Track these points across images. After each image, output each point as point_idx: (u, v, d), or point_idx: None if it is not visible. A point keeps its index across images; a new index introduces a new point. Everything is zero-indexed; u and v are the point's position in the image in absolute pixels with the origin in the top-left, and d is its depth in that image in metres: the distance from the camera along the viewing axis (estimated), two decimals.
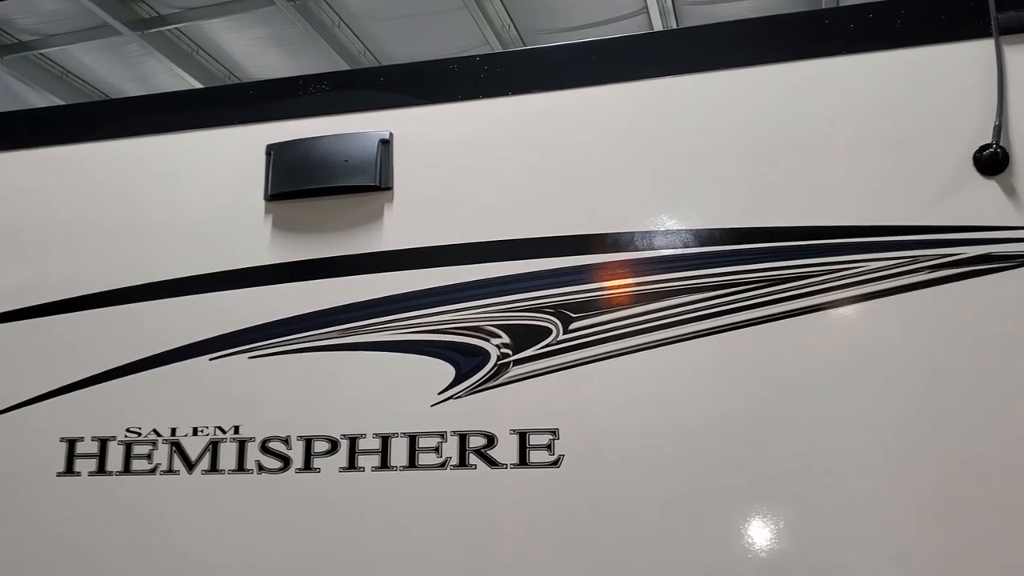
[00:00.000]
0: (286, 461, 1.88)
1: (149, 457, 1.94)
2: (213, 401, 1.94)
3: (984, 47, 1.77)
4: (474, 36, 7.52)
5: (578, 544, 1.71)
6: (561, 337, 1.79)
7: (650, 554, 1.68)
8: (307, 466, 1.86)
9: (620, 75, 1.92)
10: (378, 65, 7.89)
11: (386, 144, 1.99)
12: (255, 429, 1.91)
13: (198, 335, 1.96)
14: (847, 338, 1.71)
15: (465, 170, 1.95)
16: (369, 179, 1.96)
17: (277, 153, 2.03)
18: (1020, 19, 1.75)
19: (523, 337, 1.81)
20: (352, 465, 1.84)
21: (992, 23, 1.76)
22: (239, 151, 2.06)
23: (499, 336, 1.83)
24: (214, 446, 1.91)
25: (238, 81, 8.15)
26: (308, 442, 1.87)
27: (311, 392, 1.90)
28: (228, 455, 1.90)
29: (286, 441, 1.89)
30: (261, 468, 1.88)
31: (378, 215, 1.97)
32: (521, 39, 7.67)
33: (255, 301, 1.97)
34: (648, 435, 1.73)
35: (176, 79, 8.00)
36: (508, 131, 1.95)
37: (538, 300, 1.82)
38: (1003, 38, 1.75)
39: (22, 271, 2.11)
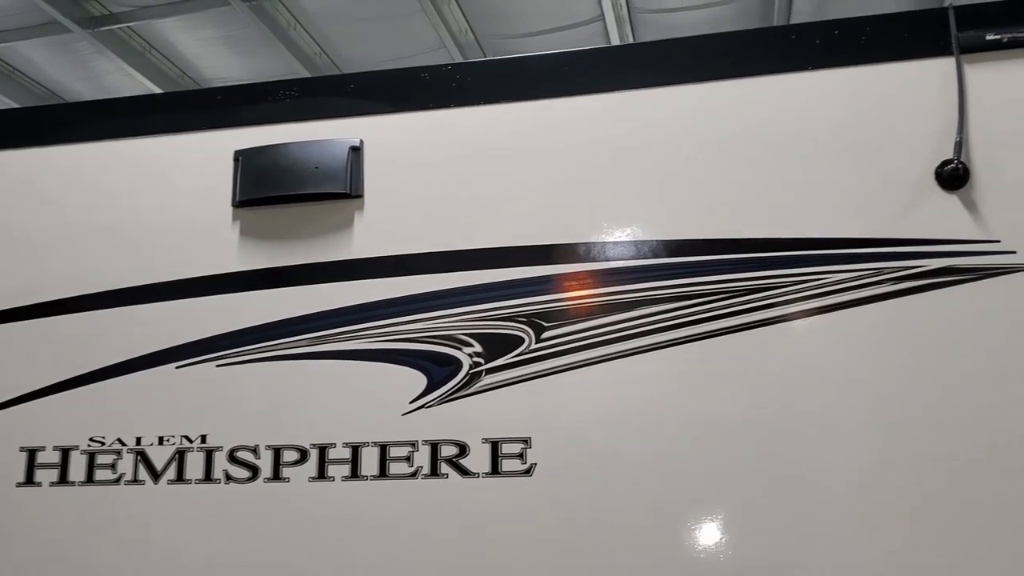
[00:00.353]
0: (255, 471, 1.86)
1: (113, 467, 1.91)
2: (180, 410, 1.91)
3: (945, 65, 1.81)
4: (431, 40, 7.49)
5: (550, 552, 1.72)
6: (534, 346, 1.80)
7: (622, 561, 1.69)
8: (276, 476, 1.85)
9: (592, 87, 1.93)
10: (334, 67, 7.84)
11: (357, 151, 1.98)
12: (223, 438, 1.89)
13: (164, 343, 1.94)
14: (815, 347, 1.75)
15: (436, 178, 1.95)
16: (340, 186, 1.95)
17: (245, 159, 2.01)
18: (979, 39, 1.80)
19: (496, 346, 1.82)
20: (322, 475, 1.83)
21: (953, 42, 1.81)
22: (206, 156, 2.04)
23: (471, 345, 1.83)
24: (180, 455, 1.89)
25: (191, 81, 8.04)
26: (277, 452, 1.86)
27: (280, 401, 1.89)
28: (195, 465, 1.88)
29: (254, 450, 1.87)
30: (229, 478, 1.86)
31: (348, 223, 1.96)
32: (478, 44, 7.67)
33: (223, 309, 1.94)
34: (620, 443, 1.74)
35: (128, 78, 7.86)
36: (479, 140, 1.96)
37: (511, 309, 1.83)
38: (963, 57, 1.80)
39: None
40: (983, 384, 1.67)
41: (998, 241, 1.72)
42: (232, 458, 1.87)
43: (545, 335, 1.80)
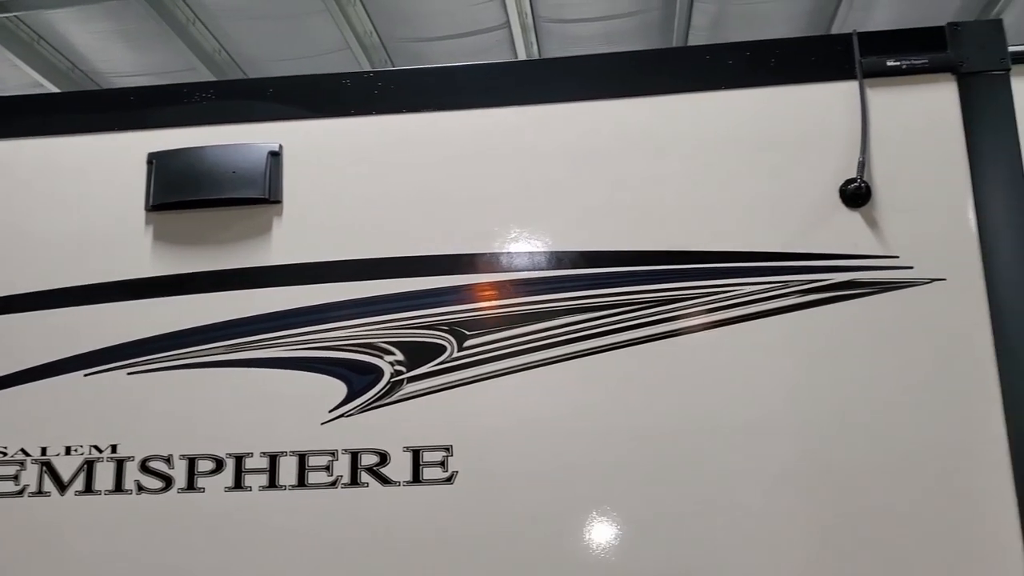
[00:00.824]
0: (168, 481, 1.82)
1: (16, 478, 1.84)
2: (88, 419, 1.85)
3: (850, 88, 1.91)
4: (335, 40, 7.40)
5: (471, 560, 1.74)
6: (456, 354, 1.82)
7: (543, 568, 1.72)
8: (191, 486, 1.81)
9: (514, 98, 1.96)
10: (234, 64, 7.67)
11: (276, 156, 1.96)
12: (134, 448, 1.84)
13: (72, 350, 1.88)
14: (725, 357, 1.81)
15: (357, 185, 1.94)
16: (258, 191, 1.93)
17: (160, 162, 1.96)
18: (881, 64, 1.90)
19: (417, 354, 1.82)
20: (239, 484, 1.80)
21: (857, 67, 1.91)
22: (118, 158, 1.98)
23: (393, 353, 1.83)
24: (89, 466, 1.83)
25: (82, 75, 7.75)
26: (191, 461, 1.82)
27: (194, 409, 1.85)
28: (105, 475, 1.83)
29: (168, 460, 1.83)
30: (141, 488, 1.82)
31: (267, 228, 1.93)
32: (383, 46, 7.62)
33: (135, 315, 1.89)
34: (540, 451, 1.77)
35: (13, 69, 7.51)
36: (401, 148, 1.96)
37: (433, 317, 1.84)
38: (866, 80, 1.90)
39: None
40: (882, 393, 1.76)
41: (897, 256, 1.82)
42: (144, 468, 1.82)
43: (467, 343, 1.82)
